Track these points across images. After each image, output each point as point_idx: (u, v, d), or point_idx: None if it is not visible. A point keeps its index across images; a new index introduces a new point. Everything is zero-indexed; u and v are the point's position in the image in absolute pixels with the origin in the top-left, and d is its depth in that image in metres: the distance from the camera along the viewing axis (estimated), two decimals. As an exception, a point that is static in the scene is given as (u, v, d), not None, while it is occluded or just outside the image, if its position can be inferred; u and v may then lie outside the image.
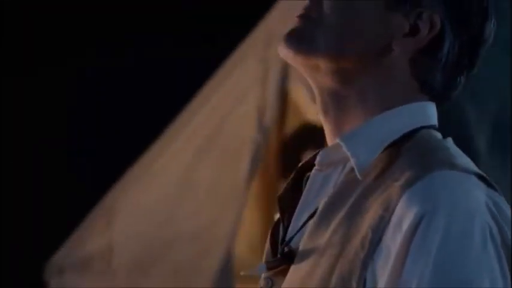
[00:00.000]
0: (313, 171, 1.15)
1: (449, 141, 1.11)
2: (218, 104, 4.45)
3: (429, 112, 1.13)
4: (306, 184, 1.18)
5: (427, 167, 1.01)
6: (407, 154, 1.05)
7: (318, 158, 1.14)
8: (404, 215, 0.99)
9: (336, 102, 1.13)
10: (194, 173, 4.44)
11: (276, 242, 1.18)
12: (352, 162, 1.07)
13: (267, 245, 1.20)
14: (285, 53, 1.15)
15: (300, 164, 1.22)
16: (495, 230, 0.99)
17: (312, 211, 1.12)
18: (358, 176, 1.06)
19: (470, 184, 1.02)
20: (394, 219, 1.00)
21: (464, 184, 1.01)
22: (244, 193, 4.28)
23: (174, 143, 4.44)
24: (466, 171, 1.03)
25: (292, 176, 1.22)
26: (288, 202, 1.19)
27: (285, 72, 4.40)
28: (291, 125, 4.50)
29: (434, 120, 1.13)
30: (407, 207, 0.99)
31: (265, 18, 4.56)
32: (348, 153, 1.08)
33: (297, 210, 1.16)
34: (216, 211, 4.38)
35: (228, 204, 4.36)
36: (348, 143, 1.08)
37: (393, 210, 1.00)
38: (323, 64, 1.12)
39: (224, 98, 4.45)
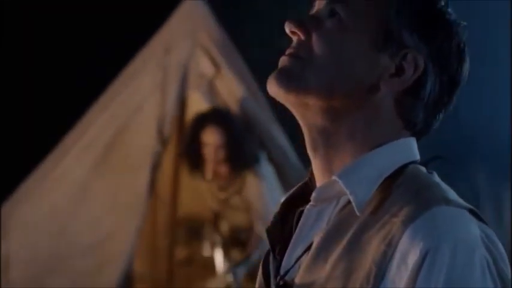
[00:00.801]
0: (308, 206, 1.17)
1: (435, 175, 1.15)
2: (116, 114, 4.35)
3: (413, 148, 1.17)
4: (296, 218, 1.19)
5: (425, 203, 1.05)
6: (400, 190, 1.09)
7: (313, 195, 1.15)
8: (408, 251, 1.03)
9: (325, 140, 1.15)
10: (91, 185, 4.32)
11: (268, 275, 1.20)
12: (351, 200, 1.10)
13: (259, 277, 1.21)
14: (274, 90, 1.15)
15: (284, 199, 1.24)
16: (490, 261, 1.04)
17: (306, 245, 1.14)
18: (357, 213, 1.09)
19: (466, 219, 1.06)
20: (397, 254, 1.04)
21: (461, 219, 1.06)
22: (144, 204, 4.21)
23: (69, 154, 4.31)
24: (460, 206, 1.08)
25: (278, 209, 1.24)
26: (278, 235, 1.21)
27: (185, 79, 4.39)
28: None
29: (417, 155, 1.17)
30: (411, 243, 1.03)
31: (164, 26, 4.52)
32: (347, 191, 1.10)
33: (290, 245, 1.18)
34: (115, 222, 4.29)
35: (128, 216, 4.28)
36: (345, 180, 1.11)
37: (396, 246, 1.04)
38: (313, 102, 1.14)
39: (122, 107, 4.36)
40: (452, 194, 1.11)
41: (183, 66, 4.38)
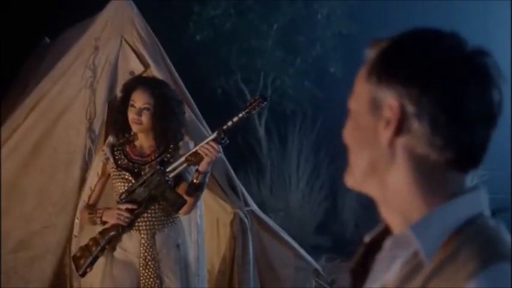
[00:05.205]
0: (382, 252, 1.29)
1: (502, 228, 1.24)
2: (45, 112, 4.39)
3: (482, 201, 1.26)
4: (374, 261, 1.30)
5: (487, 261, 1.15)
6: (466, 244, 1.19)
7: (387, 244, 1.28)
8: None
9: (383, 204, 1.31)
10: (21, 182, 4.36)
11: None
12: (420, 252, 1.21)
13: None
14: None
15: (368, 238, 1.36)
16: None
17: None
18: (426, 263, 1.20)
19: None
20: None
21: None
22: (76, 198, 4.26)
23: (-1, 151, 4.35)
24: None
25: (361, 250, 1.35)
26: (360, 275, 1.34)
27: (114, 77, 4.46)
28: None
29: (485, 208, 1.26)
30: None
31: (91, 24, 4.57)
32: (418, 243, 1.21)
33: (366, 285, 1.30)
34: (48, 217, 4.35)
35: (60, 210, 4.34)
36: (417, 232, 1.22)
37: None
38: (365, 184, 1.32)
39: (52, 105, 4.40)
40: None
41: (112, 64, 4.45)
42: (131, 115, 3.81)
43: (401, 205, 1.27)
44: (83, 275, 3.81)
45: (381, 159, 1.27)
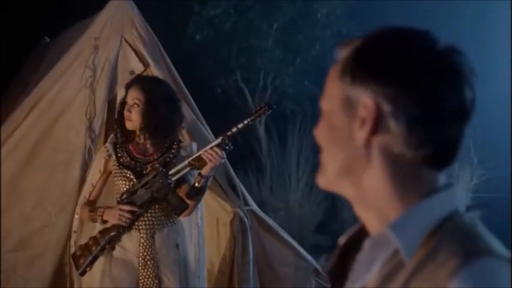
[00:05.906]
0: (361, 253, 1.28)
1: (479, 225, 1.24)
2: (45, 111, 4.40)
3: (457, 199, 1.27)
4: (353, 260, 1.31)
5: (469, 256, 1.16)
6: (446, 241, 1.19)
7: (366, 244, 1.27)
8: None
9: (359, 203, 1.30)
10: (22, 180, 4.36)
11: None
12: (401, 251, 1.21)
13: None
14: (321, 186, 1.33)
15: (344, 241, 1.35)
16: None
17: None
18: (407, 262, 1.20)
19: (506, 271, 1.17)
20: None
21: (501, 272, 1.17)
22: (75, 198, 4.25)
23: (-2, 150, 4.34)
24: (501, 259, 1.18)
25: (337, 251, 1.35)
26: (338, 276, 1.34)
27: (113, 77, 4.46)
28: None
29: (461, 205, 1.27)
30: None
31: (91, 24, 4.57)
32: (398, 242, 1.21)
33: (346, 286, 1.31)
34: (47, 216, 4.35)
35: (60, 209, 4.34)
36: (396, 231, 1.22)
37: None
38: (338, 184, 1.30)
39: (52, 104, 4.39)
40: (494, 245, 1.22)
41: (112, 63, 4.44)
42: (124, 112, 3.83)
43: (377, 204, 1.26)
44: (83, 274, 3.81)
45: (355, 159, 1.26)
